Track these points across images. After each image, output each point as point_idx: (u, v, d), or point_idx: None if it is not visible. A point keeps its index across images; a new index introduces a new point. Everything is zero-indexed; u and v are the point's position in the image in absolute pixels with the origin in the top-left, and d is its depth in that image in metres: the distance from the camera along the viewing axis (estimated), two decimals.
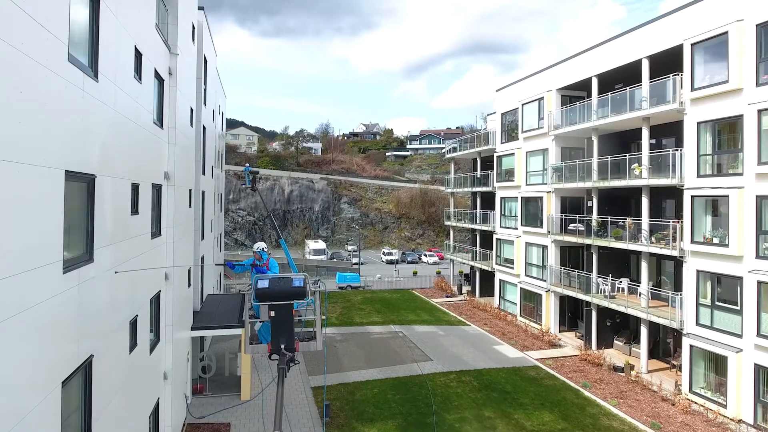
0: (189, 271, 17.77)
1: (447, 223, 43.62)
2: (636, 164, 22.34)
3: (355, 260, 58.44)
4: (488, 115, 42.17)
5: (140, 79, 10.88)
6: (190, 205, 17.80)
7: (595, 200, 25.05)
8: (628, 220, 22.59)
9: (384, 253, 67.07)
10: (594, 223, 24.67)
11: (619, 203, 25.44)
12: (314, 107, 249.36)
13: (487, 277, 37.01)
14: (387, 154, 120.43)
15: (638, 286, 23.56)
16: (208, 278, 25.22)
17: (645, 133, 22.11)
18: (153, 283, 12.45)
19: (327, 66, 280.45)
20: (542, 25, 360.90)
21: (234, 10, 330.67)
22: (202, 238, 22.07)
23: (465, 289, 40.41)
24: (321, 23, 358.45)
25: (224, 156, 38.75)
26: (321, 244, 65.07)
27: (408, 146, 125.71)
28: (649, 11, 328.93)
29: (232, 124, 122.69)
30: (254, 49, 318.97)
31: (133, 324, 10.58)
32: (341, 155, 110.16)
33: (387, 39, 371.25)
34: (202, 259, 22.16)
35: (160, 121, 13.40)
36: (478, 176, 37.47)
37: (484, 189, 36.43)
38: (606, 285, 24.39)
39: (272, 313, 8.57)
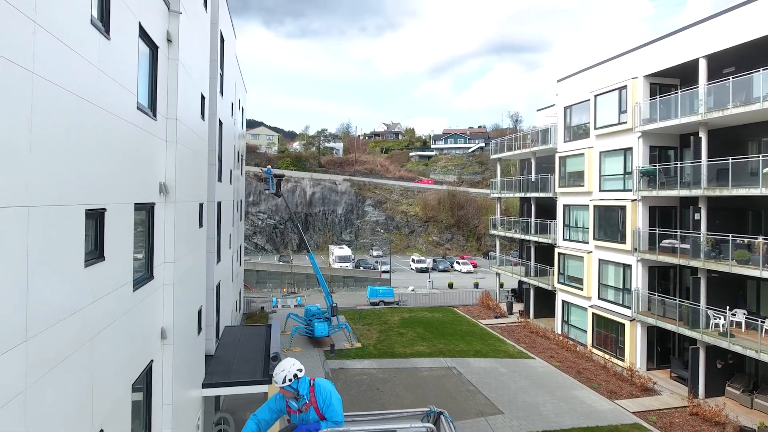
0: (199, 311, 13.43)
1: (492, 232, 38.73)
2: None
3: (383, 268, 53.89)
4: (540, 110, 37.19)
5: (108, 32, 6.46)
6: (201, 224, 13.45)
7: (703, 212, 20.03)
8: (760, 240, 17.55)
9: (413, 261, 62.45)
10: (703, 241, 19.66)
11: (732, 216, 20.37)
12: (337, 108, 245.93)
13: (543, 295, 32.13)
14: (410, 154, 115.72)
15: (762, 320, 18.52)
16: (225, 302, 20.96)
17: None
18: (135, 361, 8.05)
19: (350, 66, 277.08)
20: (567, 23, 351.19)
21: (261, 13, 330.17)
22: (218, 260, 17.77)
23: (515, 307, 35.51)
24: (345, 24, 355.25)
25: (244, 157, 34.56)
26: (346, 251, 60.62)
27: (432, 146, 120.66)
28: (676, 5, 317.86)
29: (251, 124, 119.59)
30: (279, 50, 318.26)
31: None
32: (364, 155, 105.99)
33: (410, 39, 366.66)
34: (218, 286, 17.86)
35: (152, 107, 9.01)
36: (534, 180, 32.55)
37: (541, 195, 31.50)
38: (719, 319, 19.40)
39: None
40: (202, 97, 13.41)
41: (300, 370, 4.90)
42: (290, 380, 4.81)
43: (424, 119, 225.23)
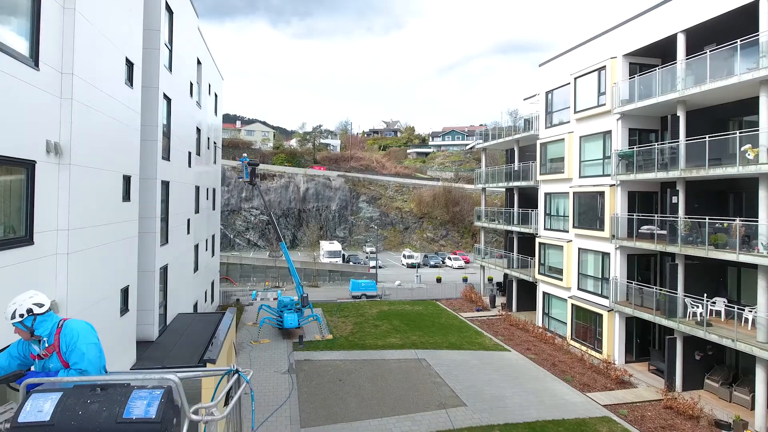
0: (126, 290, 12.59)
1: (477, 223, 37.80)
2: (749, 145, 16.31)
3: (372, 263, 53.01)
4: (526, 98, 36.16)
5: None
6: (128, 198, 12.61)
7: (681, 195, 19.03)
8: (737, 222, 16.57)
9: (404, 256, 61.61)
10: (681, 225, 18.69)
11: (712, 200, 19.43)
12: (341, 108, 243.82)
13: (527, 287, 31.17)
14: (408, 151, 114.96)
15: (741, 309, 17.54)
16: (181, 290, 20.13)
17: (764, 102, 16.05)
18: None
19: (356, 66, 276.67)
20: (574, 21, 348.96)
21: (268, 13, 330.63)
22: (165, 241, 16.92)
23: (499, 300, 34.56)
24: (352, 24, 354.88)
25: (219, 146, 33.71)
26: (336, 246, 59.83)
27: (430, 143, 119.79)
28: None
29: (247, 121, 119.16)
30: (285, 50, 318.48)
31: None
32: (360, 152, 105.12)
33: (417, 39, 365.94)
34: (165, 268, 17.02)
35: (32, 56, 8.16)
36: (516, 168, 31.59)
37: (523, 183, 30.54)
38: (697, 307, 18.42)
39: None
40: (129, 63, 12.57)
41: (39, 305, 3.89)
42: (21, 316, 3.84)
43: (426, 118, 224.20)
